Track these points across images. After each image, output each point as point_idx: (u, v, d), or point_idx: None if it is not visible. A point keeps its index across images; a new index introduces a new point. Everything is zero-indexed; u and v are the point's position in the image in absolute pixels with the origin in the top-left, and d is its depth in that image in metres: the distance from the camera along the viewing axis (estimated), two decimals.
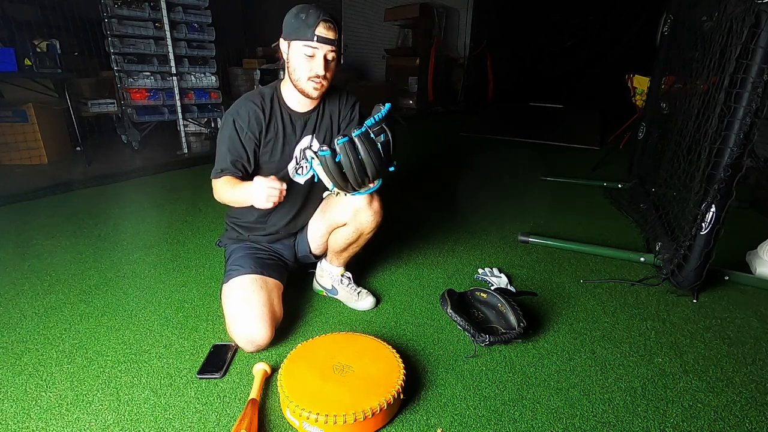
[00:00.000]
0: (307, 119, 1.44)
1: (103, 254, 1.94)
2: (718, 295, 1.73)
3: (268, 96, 1.39)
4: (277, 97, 1.41)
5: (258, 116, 1.36)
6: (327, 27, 1.25)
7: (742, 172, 1.45)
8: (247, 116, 1.35)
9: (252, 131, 1.36)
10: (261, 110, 1.37)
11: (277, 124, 1.40)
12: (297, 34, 1.26)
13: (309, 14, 1.24)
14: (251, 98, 1.38)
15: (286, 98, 1.41)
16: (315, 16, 1.24)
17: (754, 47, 1.37)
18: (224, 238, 1.59)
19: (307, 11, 1.25)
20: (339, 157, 1.20)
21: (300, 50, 1.27)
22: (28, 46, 3.09)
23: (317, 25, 1.23)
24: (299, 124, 1.43)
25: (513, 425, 1.09)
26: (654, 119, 2.86)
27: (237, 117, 1.35)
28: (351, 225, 1.45)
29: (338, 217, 1.47)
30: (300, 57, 1.28)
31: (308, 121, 1.45)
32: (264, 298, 1.33)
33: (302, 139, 1.45)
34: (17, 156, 3.18)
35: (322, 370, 1.14)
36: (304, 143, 1.45)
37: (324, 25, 1.24)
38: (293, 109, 1.42)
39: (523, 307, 1.46)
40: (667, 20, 2.77)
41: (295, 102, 1.41)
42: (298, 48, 1.27)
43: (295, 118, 1.43)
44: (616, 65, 5.89)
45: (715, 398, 1.21)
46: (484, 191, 3.08)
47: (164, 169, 3.39)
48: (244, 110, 1.36)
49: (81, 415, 1.09)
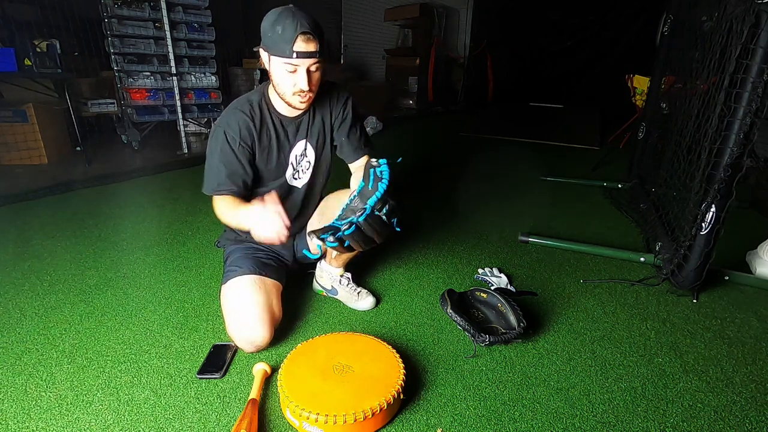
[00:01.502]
0: (299, 123, 1.42)
1: (103, 254, 1.94)
2: (718, 295, 1.73)
3: (257, 103, 1.35)
4: (265, 102, 1.37)
5: (248, 126, 1.32)
6: (306, 39, 1.16)
7: (742, 172, 1.45)
8: (237, 126, 1.31)
9: (245, 141, 1.32)
10: (251, 119, 1.33)
11: (269, 131, 1.37)
12: (275, 50, 1.18)
13: (285, 27, 1.14)
14: (239, 107, 1.33)
15: (274, 103, 1.37)
16: (292, 29, 1.14)
17: (754, 47, 1.37)
18: (223, 238, 1.59)
19: (283, 23, 1.15)
20: (347, 243, 1.13)
21: (280, 66, 1.21)
22: (28, 46, 3.08)
23: (295, 40, 1.15)
24: (291, 129, 1.41)
25: (513, 425, 1.10)
26: (654, 119, 2.86)
27: (227, 128, 1.30)
28: None
29: None
30: (281, 72, 1.22)
31: (300, 126, 1.42)
32: (263, 298, 1.33)
33: (296, 144, 1.43)
34: (17, 156, 3.18)
35: (322, 370, 1.14)
36: (298, 148, 1.44)
37: (302, 38, 1.15)
38: (283, 114, 1.39)
39: (523, 307, 1.45)
40: (667, 20, 2.77)
41: (283, 107, 1.37)
42: (278, 63, 1.21)
43: (286, 123, 1.40)
44: (616, 65, 5.90)
45: (715, 398, 1.21)
46: (484, 191, 3.08)
47: (164, 169, 3.39)
48: (234, 120, 1.31)
49: (81, 415, 1.09)
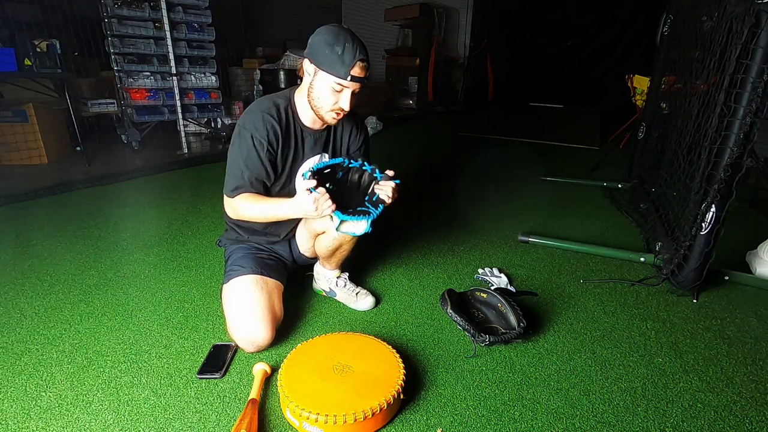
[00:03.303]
0: (317, 138, 1.42)
1: (103, 254, 1.94)
2: (718, 295, 1.73)
3: (283, 108, 1.35)
4: (291, 109, 1.37)
5: (276, 131, 1.32)
6: (363, 67, 1.21)
7: (742, 172, 1.45)
8: (265, 131, 1.30)
9: (271, 146, 1.32)
10: (278, 124, 1.32)
11: (291, 139, 1.37)
12: (329, 67, 1.21)
13: (346, 50, 1.19)
14: (267, 110, 1.32)
15: (300, 113, 1.38)
16: (352, 55, 1.19)
17: (754, 47, 1.37)
18: (224, 238, 1.59)
19: (343, 45, 1.19)
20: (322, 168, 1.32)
21: (328, 83, 1.23)
22: (28, 46, 3.08)
23: (353, 65, 1.19)
24: (309, 142, 1.41)
25: (513, 425, 1.10)
26: (654, 119, 2.86)
27: (255, 132, 1.29)
28: (330, 234, 1.42)
29: (317, 226, 1.43)
30: (327, 89, 1.25)
31: (318, 140, 1.43)
32: (264, 298, 1.33)
33: (311, 157, 1.43)
34: (17, 156, 3.18)
35: (322, 370, 1.14)
36: (312, 162, 1.43)
37: (360, 65, 1.21)
38: (305, 125, 1.39)
39: (523, 307, 1.46)
40: (667, 20, 2.77)
41: (308, 119, 1.38)
42: (326, 80, 1.23)
43: (306, 135, 1.40)
44: (616, 65, 5.90)
45: (715, 398, 1.21)
46: (484, 191, 3.08)
47: (164, 169, 3.39)
48: (262, 124, 1.30)
49: (81, 415, 1.09)
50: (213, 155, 3.74)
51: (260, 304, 1.31)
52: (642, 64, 3.98)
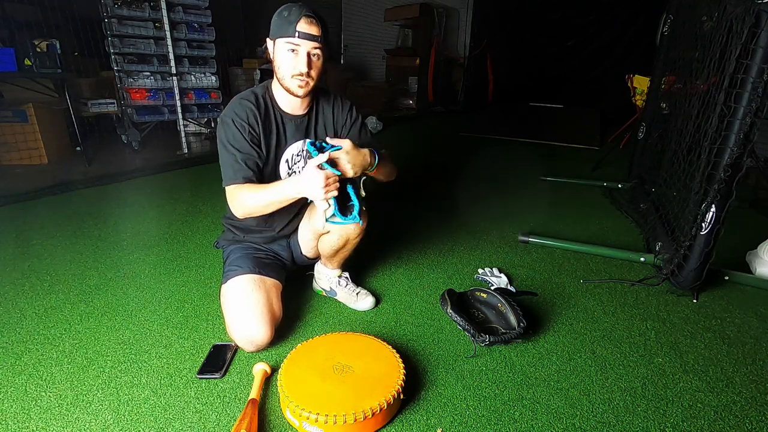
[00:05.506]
0: (298, 123, 1.42)
1: (103, 254, 1.94)
2: (718, 295, 1.73)
3: (261, 95, 1.37)
4: (269, 96, 1.39)
5: (255, 114, 1.33)
6: (309, 22, 1.24)
7: (742, 172, 1.45)
8: (245, 113, 1.32)
9: (252, 127, 1.33)
10: (257, 109, 1.34)
11: (271, 124, 1.38)
12: (280, 32, 1.26)
13: (291, 11, 1.24)
14: (245, 97, 1.35)
15: (278, 99, 1.39)
16: (297, 13, 1.23)
17: (754, 47, 1.37)
18: (221, 239, 1.59)
19: (290, 9, 1.25)
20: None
21: (283, 47, 1.26)
22: (28, 46, 3.08)
23: (299, 20, 1.23)
24: (290, 128, 1.41)
25: (513, 425, 1.10)
26: (654, 119, 2.86)
27: (234, 117, 1.31)
28: (335, 233, 1.42)
29: (318, 225, 1.43)
30: (283, 54, 1.27)
31: (299, 126, 1.42)
32: (263, 297, 1.33)
33: (293, 143, 1.43)
34: (17, 156, 3.18)
35: (322, 370, 1.14)
36: (295, 148, 1.43)
37: (306, 20, 1.23)
38: (285, 111, 1.40)
39: (523, 307, 1.46)
40: (667, 20, 2.77)
41: (285, 103, 1.39)
42: (281, 45, 1.27)
43: (287, 120, 1.41)
44: (616, 65, 5.91)
45: (715, 398, 1.21)
46: (484, 191, 3.08)
47: (164, 169, 3.39)
48: (241, 109, 1.32)
49: (81, 415, 1.09)
50: (213, 155, 3.74)
51: (258, 304, 1.30)
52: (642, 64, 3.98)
